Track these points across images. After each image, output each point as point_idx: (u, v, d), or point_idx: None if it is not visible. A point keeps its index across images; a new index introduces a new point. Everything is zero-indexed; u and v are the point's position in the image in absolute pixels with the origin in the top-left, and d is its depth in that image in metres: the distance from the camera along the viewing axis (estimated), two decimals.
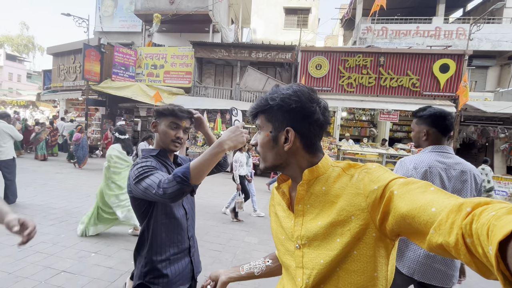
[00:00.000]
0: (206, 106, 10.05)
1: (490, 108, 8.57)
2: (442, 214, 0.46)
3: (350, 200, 0.64)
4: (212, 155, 0.96)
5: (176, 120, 1.23)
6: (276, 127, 0.72)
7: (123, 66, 11.78)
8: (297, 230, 0.72)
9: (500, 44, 11.02)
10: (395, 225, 0.56)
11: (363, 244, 0.63)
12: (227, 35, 13.21)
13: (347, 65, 9.83)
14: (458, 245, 0.42)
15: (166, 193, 0.95)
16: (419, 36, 11.65)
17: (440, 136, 1.54)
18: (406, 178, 0.60)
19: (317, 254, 0.67)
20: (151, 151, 1.26)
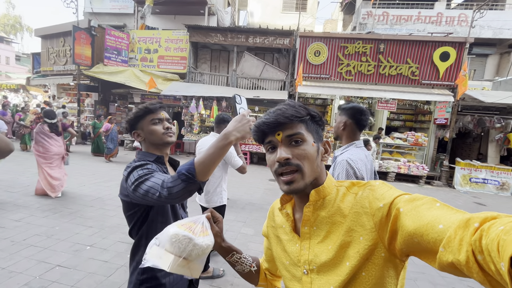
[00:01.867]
0: (202, 93, 9.84)
1: (488, 98, 8.54)
2: (450, 230, 0.44)
3: (357, 219, 0.62)
4: (218, 149, 0.89)
5: (155, 115, 1.19)
6: (316, 138, 0.70)
7: (115, 50, 11.37)
8: (304, 255, 0.69)
9: (501, 32, 10.85)
10: (404, 244, 0.54)
11: (372, 265, 0.60)
12: (223, 18, 12.73)
13: (346, 52, 9.62)
14: (470, 263, 0.40)
15: (172, 193, 0.88)
16: (421, 22, 11.38)
17: (355, 129, 1.67)
18: (411, 194, 0.58)
19: (327, 280, 0.65)
20: (148, 156, 1.17)
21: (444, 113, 8.97)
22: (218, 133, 2.62)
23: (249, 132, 0.91)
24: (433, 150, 9.74)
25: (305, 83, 9.69)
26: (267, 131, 0.68)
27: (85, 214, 4.03)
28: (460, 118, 9.31)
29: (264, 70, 10.71)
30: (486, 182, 8.46)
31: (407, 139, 9.29)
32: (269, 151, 0.70)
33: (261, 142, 0.71)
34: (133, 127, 1.20)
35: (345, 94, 10.10)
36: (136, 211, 1.10)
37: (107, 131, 8.23)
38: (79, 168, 6.98)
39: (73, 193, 4.95)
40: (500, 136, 9.10)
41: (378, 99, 9.43)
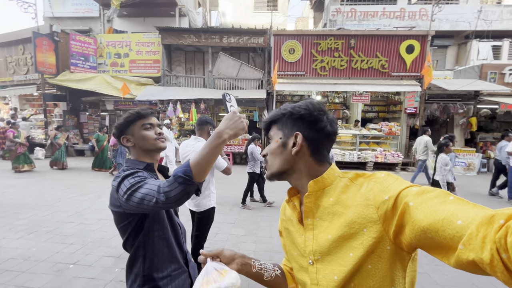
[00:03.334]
0: (179, 96, 9.62)
1: (451, 86, 9.19)
2: (471, 227, 0.42)
3: (361, 211, 0.62)
4: (212, 148, 0.88)
5: (146, 120, 1.18)
6: (286, 133, 0.75)
7: (82, 56, 10.78)
8: (309, 245, 0.71)
9: (458, 24, 11.68)
10: (414, 239, 0.52)
11: (378, 258, 0.60)
12: (195, 19, 12.53)
13: (319, 49, 9.87)
14: (494, 262, 0.39)
15: (170, 197, 0.86)
16: (386, 17, 11.95)
17: None
18: (420, 186, 0.57)
19: (331, 270, 0.66)
20: (137, 164, 1.14)
21: (413, 103, 9.52)
22: (200, 136, 2.59)
23: (241, 129, 0.91)
24: (406, 138, 10.31)
25: (282, 81, 9.82)
26: (264, 134, 0.83)
27: (64, 231, 3.80)
28: (427, 106, 9.92)
29: (241, 70, 10.70)
30: (454, 164, 9.09)
31: (381, 129, 9.74)
32: None
33: None
34: (122, 132, 1.16)
35: (321, 90, 10.38)
36: (130, 221, 1.06)
37: (115, 145, 7.43)
38: (52, 183, 6.55)
39: (48, 209, 4.64)
40: (464, 120, 9.84)
41: (352, 92, 9.79)
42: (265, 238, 3.74)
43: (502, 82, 9.64)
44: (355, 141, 9.60)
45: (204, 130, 2.58)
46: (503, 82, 9.66)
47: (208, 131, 2.60)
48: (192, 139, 2.62)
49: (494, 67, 9.87)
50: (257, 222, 4.35)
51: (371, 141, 9.92)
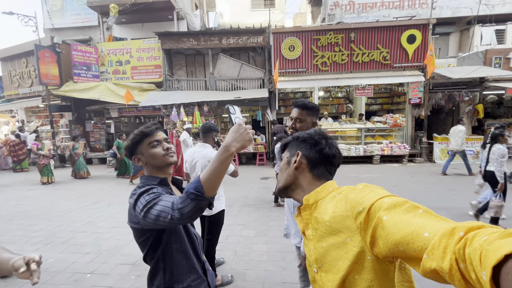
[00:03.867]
0: (181, 100, 9.68)
1: (455, 74, 9.06)
2: (435, 238, 0.46)
3: (343, 221, 0.67)
4: (220, 162, 0.90)
5: (152, 138, 1.18)
6: (291, 153, 0.90)
7: (84, 66, 10.91)
8: (312, 255, 0.77)
9: (459, 11, 11.49)
10: (389, 252, 0.56)
11: (361, 268, 0.64)
12: (193, 22, 12.55)
13: (319, 44, 9.81)
14: (452, 271, 0.42)
15: (183, 214, 0.89)
16: (385, 8, 11.81)
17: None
18: (390, 197, 0.60)
19: (327, 278, 0.72)
20: (151, 179, 1.17)
21: (417, 93, 9.41)
22: (206, 142, 2.62)
23: (248, 140, 0.94)
24: (411, 129, 10.21)
25: (284, 79, 9.79)
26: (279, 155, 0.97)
27: (78, 240, 3.88)
28: (432, 95, 9.80)
29: (242, 70, 10.70)
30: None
31: (386, 122, 9.66)
32: None
33: None
34: (132, 153, 1.19)
35: (323, 85, 10.32)
36: (149, 236, 1.09)
37: None
38: (63, 193, 6.67)
39: (62, 220, 4.73)
40: (470, 108, 9.69)
41: (355, 86, 9.73)
42: (276, 238, 3.76)
43: (508, 67, 9.47)
44: (360, 135, 9.55)
45: (209, 136, 2.62)
46: (509, 66, 9.49)
47: (213, 137, 2.64)
48: (199, 146, 2.66)
49: (499, 52, 9.69)
50: (267, 223, 4.37)
51: (377, 134, 9.85)
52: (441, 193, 5.65)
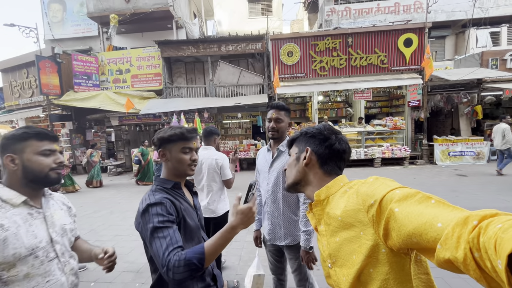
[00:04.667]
0: (182, 107, 9.72)
1: (452, 76, 9.14)
2: (448, 228, 0.45)
3: (355, 215, 0.66)
4: (226, 240, 0.97)
5: (187, 144, 1.16)
6: (300, 149, 0.89)
7: (85, 75, 10.99)
8: (326, 250, 0.77)
9: (454, 14, 11.68)
10: (402, 243, 0.55)
11: (376, 261, 0.63)
12: (192, 30, 12.72)
13: (317, 49, 9.93)
14: (467, 260, 0.41)
15: (174, 278, 0.90)
16: (381, 13, 12.00)
17: None
18: (402, 189, 0.60)
19: (342, 273, 0.71)
20: (165, 182, 1.16)
21: (416, 95, 9.48)
22: (208, 145, 2.65)
23: (252, 222, 1.00)
24: (411, 131, 10.24)
25: (283, 84, 9.87)
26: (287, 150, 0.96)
27: None
28: (430, 98, 9.87)
29: (241, 76, 10.79)
30: (463, 154, 9.01)
31: (386, 124, 9.70)
32: None
33: None
34: (161, 146, 1.17)
35: (322, 90, 10.40)
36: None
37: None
38: None
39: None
40: (468, 109, 9.75)
41: (353, 90, 9.79)
42: None
43: (504, 68, 9.57)
44: (361, 138, 9.57)
45: (211, 139, 2.67)
46: (505, 68, 9.59)
47: (214, 140, 2.68)
48: (201, 149, 2.68)
49: (495, 53, 9.81)
50: None
51: (377, 137, 9.87)
52: (445, 194, 5.63)
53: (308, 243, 1.63)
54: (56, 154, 1.05)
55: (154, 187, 1.13)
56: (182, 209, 1.10)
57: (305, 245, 1.63)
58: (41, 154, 1.00)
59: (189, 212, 1.14)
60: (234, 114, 11.13)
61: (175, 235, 0.96)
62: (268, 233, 1.82)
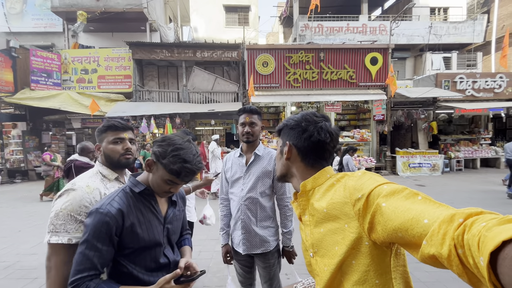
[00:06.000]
0: (152, 112, 9.34)
1: (412, 93, 9.97)
2: (434, 225, 0.46)
3: (341, 208, 0.67)
4: None
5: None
6: (283, 142, 0.87)
7: (44, 73, 10.13)
8: (309, 240, 0.78)
9: (413, 38, 12.87)
10: (387, 238, 0.56)
11: (358, 253, 0.65)
12: (167, 34, 12.45)
13: (291, 62, 10.25)
14: (451, 256, 0.43)
15: None
16: (350, 32, 12.82)
17: None
18: (389, 184, 0.61)
19: (323, 262, 0.72)
20: (137, 185, 1.03)
21: (380, 110, 10.14)
22: None
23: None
24: (377, 143, 10.88)
25: (257, 93, 9.98)
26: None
27: (26, 264, 3.39)
28: (393, 113, 10.63)
29: (216, 83, 10.72)
30: (421, 165, 9.75)
31: (354, 136, 10.21)
32: None
33: None
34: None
35: (295, 100, 10.69)
36: None
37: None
38: (11, 211, 5.90)
39: (7, 241, 4.14)
40: (426, 125, 10.66)
41: (325, 102, 10.21)
42: None
43: (455, 89, 10.67)
44: None
45: None
46: (456, 89, 10.69)
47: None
48: None
49: (447, 75, 10.92)
50: None
51: None
52: None
53: (289, 242, 1.74)
54: (125, 142, 1.23)
55: (125, 189, 1.03)
56: (139, 221, 0.99)
57: (286, 244, 1.74)
58: (112, 142, 1.21)
59: (148, 226, 1.01)
60: (208, 121, 10.97)
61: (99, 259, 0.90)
62: (242, 242, 1.72)
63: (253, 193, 1.69)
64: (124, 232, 0.95)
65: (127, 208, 0.97)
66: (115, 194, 1.00)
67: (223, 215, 1.87)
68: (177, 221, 1.17)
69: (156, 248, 1.04)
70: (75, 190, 1.08)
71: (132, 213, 0.98)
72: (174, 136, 1.02)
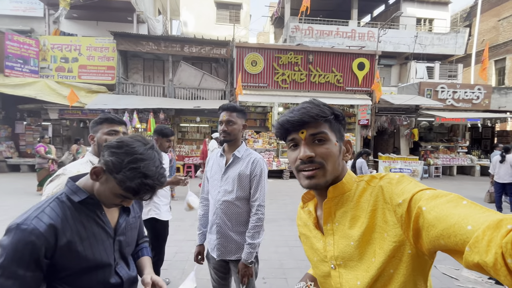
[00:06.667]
0: (135, 105, 9.04)
1: (396, 100, 10.21)
2: (479, 231, 0.43)
3: (379, 215, 0.62)
4: None
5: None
6: (339, 137, 0.72)
7: (20, 58, 9.57)
8: (330, 251, 0.70)
9: (399, 47, 13.21)
10: (430, 244, 0.52)
11: (399, 262, 0.60)
12: (155, 27, 12.11)
13: (280, 62, 10.23)
14: (497, 266, 0.39)
15: None
16: (339, 36, 12.98)
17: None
18: (432, 190, 0.57)
19: (354, 276, 0.65)
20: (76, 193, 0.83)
21: (365, 115, 10.33)
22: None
23: None
24: (360, 147, 11.07)
25: (245, 92, 9.88)
26: (290, 129, 0.69)
27: None
28: (377, 118, 10.85)
29: (203, 80, 10.53)
30: (402, 171, 9.99)
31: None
32: (291, 148, 0.72)
33: (283, 139, 0.73)
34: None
35: (282, 101, 10.69)
36: None
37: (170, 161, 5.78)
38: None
39: None
40: (408, 131, 10.96)
41: None
42: None
43: (436, 98, 11.04)
44: None
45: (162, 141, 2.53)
46: (437, 98, 11.06)
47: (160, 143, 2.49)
48: None
49: (430, 85, 11.28)
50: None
51: None
52: None
53: (250, 257, 1.54)
54: (119, 134, 1.31)
55: (60, 196, 0.84)
56: (79, 237, 0.81)
57: (247, 258, 1.54)
58: (107, 134, 1.31)
59: (92, 242, 0.84)
60: (193, 117, 10.75)
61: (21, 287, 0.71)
62: (217, 248, 1.64)
63: (229, 197, 1.61)
64: (58, 252, 0.76)
65: (62, 222, 0.78)
66: (46, 204, 0.80)
67: (201, 215, 1.81)
68: (131, 230, 1.00)
69: (105, 267, 0.87)
70: (65, 174, 1.16)
71: (70, 228, 0.79)
72: (134, 141, 0.82)
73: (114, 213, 0.94)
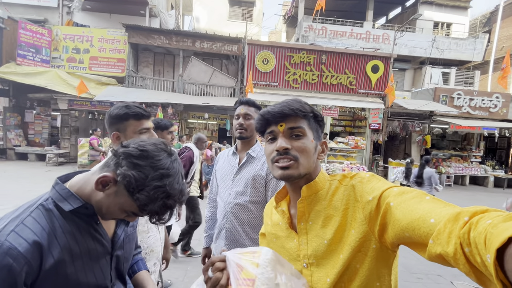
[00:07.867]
0: (144, 99, 8.97)
1: (410, 105, 9.91)
2: (440, 224, 0.46)
3: (349, 213, 0.65)
4: None
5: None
6: (316, 136, 0.73)
7: (32, 48, 9.62)
8: (303, 250, 0.71)
9: (415, 50, 12.86)
10: (395, 238, 0.55)
11: (364, 256, 0.62)
12: (167, 21, 12.05)
13: (292, 61, 10.03)
14: (457, 255, 0.42)
15: None
16: (353, 38, 12.70)
17: None
18: (399, 187, 0.59)
19: (325, 273, 0.66)
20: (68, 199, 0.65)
21: (377, 119, 10.05)
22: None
23: None
24: (370, 152, 10.80)
25: (255, 90, 9.73)
26: (271, 120, 0.70)
27: None
28: (389, 123, 10.56)
29: (213, 76, 10.42)
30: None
31: (348, 143, 10.08)
32: (269, 141, 0.73)
33: (262, 132, 0.74)
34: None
35: None
36: None
37: (212, 159, 5.56)
38: None
39: None
40: (420, 138, 10.64)
41: (322, 106, 10.04)
42: None
43: (452, 105, 10.69)
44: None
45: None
46: (452, 104, 10.71)
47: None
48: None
49: (445, 90, 10.92)
50: None
51: (339, 154, 10.19)
52: None
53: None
54: (150, 132, 1.13)
55: (45, 203, 0.65)
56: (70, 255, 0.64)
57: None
58: (139, 133, 1.11)
59: (86, 261, 0.68)
60: (202, 114, 10.65)
61: None
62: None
63: (242, 199, 1.46)
64: (42, 277, 0.59)
65: (49, 237, 0.61)
66: (26, 212, 0.62)
67: (208, 216, 1.70)
68: (130, 242, 0.84)
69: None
70: None
71: (58, 245, 0.62)
72: (159, 151, 0.65)
73: (110, 223, 0.78)
